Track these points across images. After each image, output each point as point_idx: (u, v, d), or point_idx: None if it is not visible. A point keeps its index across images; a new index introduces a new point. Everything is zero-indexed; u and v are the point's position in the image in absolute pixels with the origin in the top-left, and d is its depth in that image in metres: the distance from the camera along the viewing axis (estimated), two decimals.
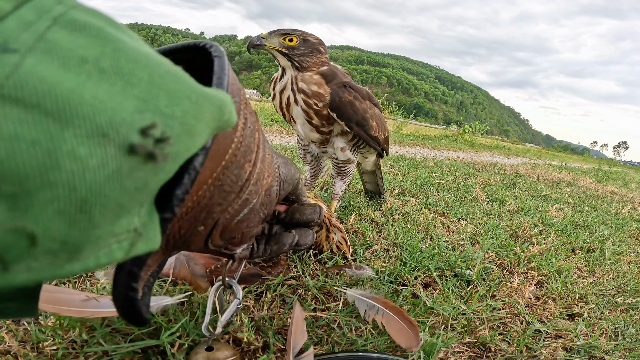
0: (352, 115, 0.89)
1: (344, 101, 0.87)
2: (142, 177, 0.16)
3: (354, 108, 0.89)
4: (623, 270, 1.10)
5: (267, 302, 0.65)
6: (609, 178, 4.22)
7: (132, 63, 0.16)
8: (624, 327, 0.76)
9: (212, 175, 0.25)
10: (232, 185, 0.28)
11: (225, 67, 0.25)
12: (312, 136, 0.96)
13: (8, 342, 0.47)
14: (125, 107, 0.15)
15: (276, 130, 3.89)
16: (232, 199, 0.29)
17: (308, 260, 0.83)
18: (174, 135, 0.17)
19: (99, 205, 0.14)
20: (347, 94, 0.88)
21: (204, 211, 0.27)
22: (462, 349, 0.63)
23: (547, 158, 7.17)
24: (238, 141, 0.26)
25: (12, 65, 0.12)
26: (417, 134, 6.85)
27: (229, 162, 0.26)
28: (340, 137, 0.97)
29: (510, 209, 1.66)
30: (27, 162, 0.12)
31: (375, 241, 1.01)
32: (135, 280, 0.24)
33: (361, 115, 0.91)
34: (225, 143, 0.25)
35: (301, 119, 0.91)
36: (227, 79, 0.24)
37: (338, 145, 0.99)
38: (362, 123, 0.92)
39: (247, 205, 0.31)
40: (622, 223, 1.76)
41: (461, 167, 2.94)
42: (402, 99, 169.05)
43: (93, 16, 0.16)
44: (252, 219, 0.33)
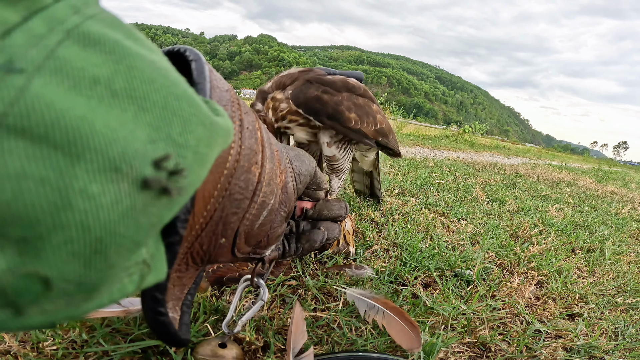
0: (319, 109, 0.86)
1: (309, 96, 0.85)
2: (156, 213, 0.15)
3: (322, 101, 0.86)
4: (623, 270, 1.10)
5: (267, 302, 0.65)
6: (609, 178, 4.22)
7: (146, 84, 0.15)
8: (624, 327, 0.76)
9: (217, 186, 0.25)
10: (243, 192, 0.27)
11: (204, 71, 0.23)
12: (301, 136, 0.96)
13: (8, 342, 0.47)
14: (137, 137, 0.14)
15: None
16: (248, 205, 0.28)
17: (308, 260, 0.83)
18: (187, 166, 0.16)
19: (115, 245, 0.14)
20: (313, 89, 0.86)
21: (220, 223, 0.26)
22: (462, 349, 0.63)
23: (547, 158, 7.16)
24: (237, 146, 0.25)
25: (18, 89, 0.11)
26: (417, 134, 6.85)
27: (232, 169, 0.25)
28: (324, 131, 0.96)
29: (510, 209, 1.66)
30: (36, 203, 0.11)
31: (375, 241, 1.01)
32: (162, 305, 0.24)
33: (332, 108, 0.88)
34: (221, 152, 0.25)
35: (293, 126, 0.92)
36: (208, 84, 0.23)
37: (324, 140, 0.97)
38: (334, 116, 0.89)
39: (265, 207, 0.30)
40: (622, 223, 1.76)
41: (461, 167, 2.94)
42: (402, 99, 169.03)
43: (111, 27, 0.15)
44: (274, 219, 0.33)
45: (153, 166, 0.14)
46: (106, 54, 0.14)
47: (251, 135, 0.28)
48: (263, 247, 0.34)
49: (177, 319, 0.26)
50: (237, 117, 0.26)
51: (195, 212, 0.24)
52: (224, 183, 0.25)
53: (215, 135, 0.18)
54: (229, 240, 0.28)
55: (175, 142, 0.15)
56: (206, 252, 0.27)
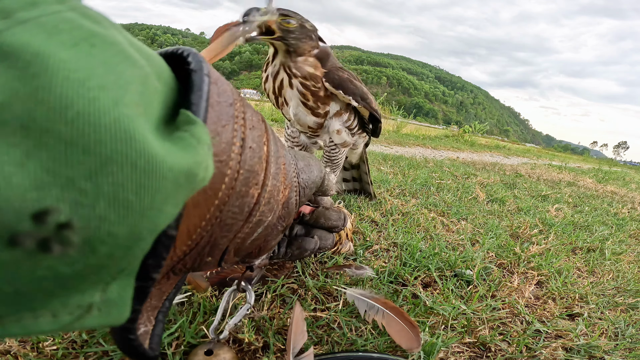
0: (354, 89, 0.93)
1: (344, 78, 0.91)
2: (47, 267, 0.13)
3: (354, 84, 0.93)
4: (623, 270, 1.10)
5: (267, 302, 0.65)
6: (609, 178, 4.22)
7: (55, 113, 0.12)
8: (624, 327, 0.76)
9: (205, 217, 0.22)
10: (236, 216, 0.25)
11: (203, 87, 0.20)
12: (308, 120, 0.95)
13: (8, 342, 0.47)
14: (16, 183, 0.11)
15: (276, 130, 3.89)
16: (240, 227, 0.26)
17: (308, 260, 0.83)
18: (91, 218, 0.13)
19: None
20: (343, 73, 0.92)
21: (207, 247, 0.25)
22: (462, 349, 0.63)
23: (547, 158, 7.17)
24: (233, 172, 0.23)
25: None
26: (417, 134, 6.85)
27: (225, 197, 0.23)
28: (336, 118, 0.98)
29: (510, 209, 1.66)
30: None
31: (375, 241, 1.01)
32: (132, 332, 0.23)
33: (361, 90, 0.95)
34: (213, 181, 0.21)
35: (295, 101, 0.91)
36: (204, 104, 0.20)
37: (334, 128, 0.99)
38: (365, 97, 0.96)
39: (260, 225, 0.28)
40: (622, 223, 1.76)
41: (461, 167, 2.94)
42: (402, 99, 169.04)
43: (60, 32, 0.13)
44: (269, 233, 0.31)
45: (32, 219, 0.12)
46: (15, 71, 0.11)
47: (254, 155, 0.25)
48: (253, 257, 0.33)
49: (149, 331, 0.25)
50: (239, 137, 0.23)
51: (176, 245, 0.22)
52: (213, 213, 0.23)
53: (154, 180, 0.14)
54: (216, 258, 0.27)
55: (78, 188, 0.12)
56: (190, 268, 0.26)
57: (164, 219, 0.16)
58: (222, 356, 0.46)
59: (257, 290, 0.68)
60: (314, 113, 0.94)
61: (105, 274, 0.16)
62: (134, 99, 0.14)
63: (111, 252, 0.15)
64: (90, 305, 0.17)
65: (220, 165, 0.22)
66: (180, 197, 0.16)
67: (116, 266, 0.16)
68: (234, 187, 0.23)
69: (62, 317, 0.16)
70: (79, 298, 0.16)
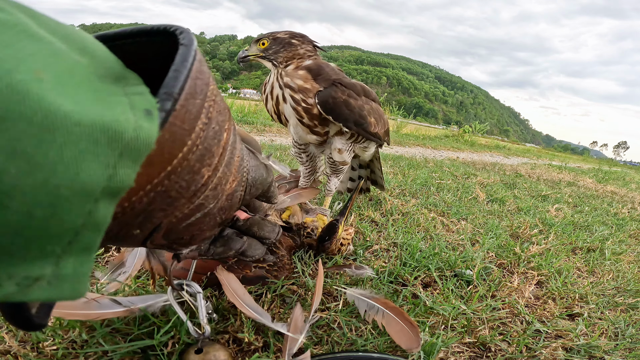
0: (348, 115, 0.86)
1: (338, 101, 0.84)
2: None
3: (350, 107, 0.86)
4: (623, 270, 1.10)
5: (267, 302, 0.65)
6: (609, 178, 4.22)
7: None
8: (624, 327, 0.76)
9: (152, 181, 0.22)
10: (182, 192, 0.25)
11: (188, 59, 0.22)
12: (308, 138, 0.93)
13: (8, 342, 0.47)
14: None
15: (276, 130, 3.89)
16: (182, 204, 0.26)
17: (308, 260, 0.83)
18: None
19: None
20: (340, 92, 0.85)
21: (141, 216, 0.24)
22: (462, 349, 0.63)
23: (547, 158, 7.17)
24: (193, 144, 0.23)
25: None
26: (417, 134, 6.85)
27: (178, 167, 0.23)
28: (338, 137, 0.95)
29: (510, 209, 1.66)
30: None
31: (375, 241, 1.01)
32: (27, 310, 0.22)
33: (358, 114, 0.88)
34: (172, 146, 0.22)
35: (293, 120, 0.89)
36: (185, 73, 0.21)
37: (336, 147, 0.96)
38: (360, 122, 0.89)
39: (200, 210, 0.28)
40: (622, 223, 1.76)
41: (461, 167, 2.94)
42: (402, 99, 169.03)
43: None
44: (206, 222, 0.30)
45: None
46: None
47: (214, 136, 0.26)
48: (183, 245, 0.32)
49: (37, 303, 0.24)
50: (206, 115, 0.24)
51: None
52: (162, 179, 0.23)
53: (69, 131, 0.15)
54: (144, 234, 0.26)
55: None
56: (111, 237, 0.25)
57: (87, 177, 0.16)
58: (213, 354, 0.45)
59: (256, 290, 0.68)
60: (313, 132, 0.90)
61: (49, 243, 0.16)
62: (33, 67, 0.15)
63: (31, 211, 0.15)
64: (39, 278, 0.17)
65: (182, 133, 0.22)
66: (109, 155, 0.16)
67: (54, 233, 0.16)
68: (189, 159, 0.24)
69: (7, 287, 0.16)
70: (27, 269, 0.16)
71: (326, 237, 0.83)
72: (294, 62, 0.86)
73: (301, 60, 0.86)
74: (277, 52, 0.86)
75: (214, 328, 0.55)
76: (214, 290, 0.65)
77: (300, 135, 0.93)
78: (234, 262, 0.71)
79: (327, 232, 0.83)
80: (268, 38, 0.87)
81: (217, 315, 0.59)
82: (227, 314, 0.61)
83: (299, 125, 0.89)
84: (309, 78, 0.84)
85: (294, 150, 1.09)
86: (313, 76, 0.85)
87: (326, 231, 0.84)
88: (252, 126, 3.89)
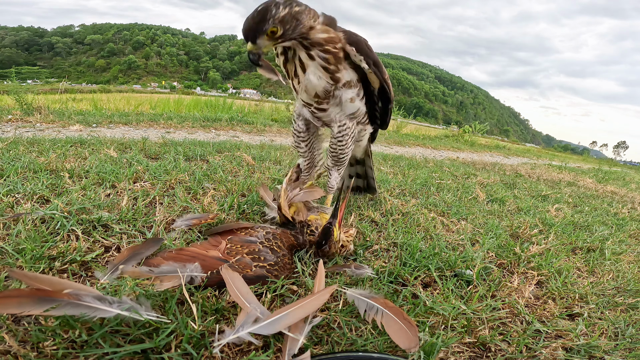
0: (369, 52, 0.91)
1: (360, 39, 0.90)
2: None
3: (369, 47, 0.91)
4: (623, 270, 1.10)
5: (267, 302, 0.65)
6: (609, 178, 4.22)
7: None
8: (624, 327, 0.76)
9: None
10: None
11: None
12: (320, 84, 0.93)
13: (8, 342, 0.47)
14: None
15: (276, 130, 3.89)
16: None
17: (308, 260, 0.83)
18: None
19: None
20: (357, 37, 0.91)
21: None
22: (462, 349, 0.63)
23: (547, 158, 7.16)
24: None
25: None
26: (417, 134, 6.85)
27: None
28: (347, 88, 0.97)
29: (510, 209, 1.66)
30: None
31: (375, 241, 1.01)
32: None
33: (375, 57, 0.93)
34: None
35: (313, 69, 0.90)
36: None
37: (347, 97, 0.98)
38: (378, 64, 0.94)
39: None
40: (622, 223, 1.76)
41: (461, 167, 2.94)
42: (402, 99, 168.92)
43: None
44: None
45: None
46: None
47: None
48: None
49: None
50: None
51: None
52: None
53: None
54: None
55: None
56: None
57: None
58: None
59: (256, 290, 0.68)
60: (333, 78, 0.92)
61: None
62: None
63: None
64: None
65: None
66: None
67: None
68: None
69: None
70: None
71: (322, 241, 0.84)
72: (312, 26, 0.86)
73: (314, 19, 0.87)
74: (296, 28, 0.83)
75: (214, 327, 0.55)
76: (214, 290, 0.65)
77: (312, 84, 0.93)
78: (235, 262, 0.71)
79: (323, 237, 0.84)
80: (274, 25, 0.82)
81: (217, 315, 0.59)
82: (228, 314, 0.61)
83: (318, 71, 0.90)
84: (329, 30, 0.88)
85: (293, 140, 1.11)
86: (333, 27, 0.89)
87: (322, 236, 0.84)
88: (252, 126, 3.89)
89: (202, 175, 1.36)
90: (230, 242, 0.78)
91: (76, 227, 0.81)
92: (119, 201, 0.99)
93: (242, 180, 1.36)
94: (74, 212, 0.87)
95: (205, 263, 0.69)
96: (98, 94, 6.69)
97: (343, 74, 0.93)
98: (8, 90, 4.08)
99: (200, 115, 4.15)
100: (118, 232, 0.84)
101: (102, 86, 26.02)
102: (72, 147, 1.63)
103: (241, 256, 0.73)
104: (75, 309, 0.47)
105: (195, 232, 0.89)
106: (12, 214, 0.84)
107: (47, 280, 0.50)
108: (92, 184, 1.11)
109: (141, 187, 1.16)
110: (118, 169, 1.29)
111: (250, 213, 1.07)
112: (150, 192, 1.11)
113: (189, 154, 1.75)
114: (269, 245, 0.77)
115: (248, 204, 1.12)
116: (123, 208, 0.94)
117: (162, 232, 0.87)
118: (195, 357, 0.50)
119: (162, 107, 5.66)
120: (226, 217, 1.01)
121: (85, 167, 1.27)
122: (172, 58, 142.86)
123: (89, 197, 0.99)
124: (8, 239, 0.74)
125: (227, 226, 0.88)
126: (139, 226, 0.89)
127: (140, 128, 2.93)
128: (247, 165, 1.69)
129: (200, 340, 0.53)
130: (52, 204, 0.90)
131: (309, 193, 0.98)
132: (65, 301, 0.47)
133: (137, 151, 1.67)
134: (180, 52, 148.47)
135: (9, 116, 2.72)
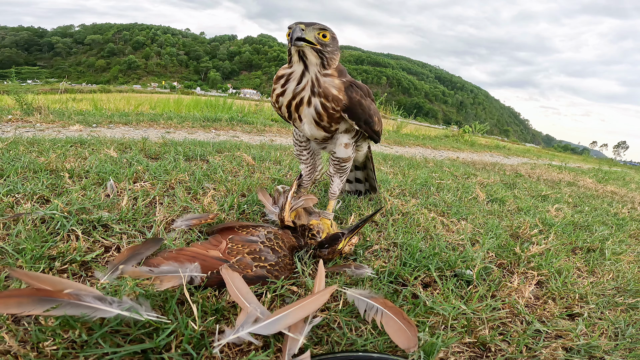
0: (361, 114, 0.93)
1: (354, 101, 0.90)
2: None
3: (362, 107, 0.92)
4: (623, 270, 1.10)
5: (267, 302, 0.65)
6: (609, 178, 4.22)
7: None
8: (624, 327, 0.76)
9: None
10: None
11: None
12: (317, 134, 0.96)
13: (8, 342, 0.47)
14: None
15: (276, 130, 3.89)
16: None
17: (308, 260, 0.83)
18: None
19: None
20: (355, 93, 0.90)
21: None
22: (462, 349, 0.63)
23: (547, 158, 7.16)
24: None
25: None
26: (417, 134, 6.85)
27: None
28: (344, 134, 1.00)
29: (510, 209, 1.66)
30: None
31: (375, 241, 1.01)
32: None
33: (368, 114, 0.95)
34: None
35: (309, 119, 0.91)
36: None
37: (342, 142, 1.01)
38: (368, 121, 0.96)
39: None
40: (622, 223, 1.75)
41: (461, 167, 2.94)
42: (402, 99, 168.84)
43: None
44: None
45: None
46: None
47: None
48: None
49: None
50: None
51: None
52: None
53: None
54: None
55: None
56: None
57: None
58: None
59: (256, 290, 0.68)
60: (327, 130, 0.94)
61: None
62: None
63: None
64: None
65: None
66: None
67: None
68: None
69: None
70: None
71: (326, 244, 0.84)
72: (332, 67, 0.88)
73: (334, 62, 0.89)
74: (332, 53, 0.86)
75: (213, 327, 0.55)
76: (214, 290, 0.65)
77: (312, 132, 0.96)
78: (235, 262, 0.71)
79: (329, 241, 0.84)
80: (329, 33, 0.84)
81: (217, 315, 0.59)
82: (228, 314, 0.61)
83: (312, 124, 0.92)
84: (342, 89, 0.88)
85: (296, 149, 1.12)
86: (340, 76, 0.90)
87: (328, 240, 0.85)
88: (252, 126, 3.89)
89: (202, 175, 1.36)
90: (231, 242, 0.78)
91: (76, 227, 0.81)
92: (119, 201, 0.99)
93: (242, 180, 1.36)
94: (74, 212, 0.87)
95: (205, 263, 0.69)
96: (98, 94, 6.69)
97: (340, 126, 0.97)
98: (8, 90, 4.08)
99: (200, 115, 4.15)
100: (118, 232, 0.84)
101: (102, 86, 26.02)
102: (72, 147, 1.63)
103: (242, 256, 0.73)
104: (75, 309, 0.47)
105: (195, 232, 0.89)
106: (12, 214, 0.84)
107: (48, 279, 0.50)
108: (92, 184, 1.12)
109: (141, 187, 1.16)
110: (118, 169, 1.29)
111: (250, 213, 1.07)
112: (150, 192, 1.11)
113: (189, 154, 1.75)
114: (270, 245, 0.77)
115: (248, 204, 1.12)
116: (123, 208, 0.94)
117: (162, 232, 0.87)
118: (195, 357, 0.50)
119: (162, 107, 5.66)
120: (226, 217, 1.01)
121: (85, 167, 1.27)
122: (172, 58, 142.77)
123: (89, 197, 0.99)
124: (8, 239, 0.74)
125: (229, 224, 0.89)
126: (139, 226, 0.89)
127: (140, 128, 2.93)
128: (247, 165, 1.69)
129: (200, 340, 0.53)
130: (52, 204, 0.90)
131: (306, 200, 1.00)
132: (66, 301, 0.47)
133: (137, 151, 1.67)
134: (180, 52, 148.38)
135: (9, 116, 2.72)
